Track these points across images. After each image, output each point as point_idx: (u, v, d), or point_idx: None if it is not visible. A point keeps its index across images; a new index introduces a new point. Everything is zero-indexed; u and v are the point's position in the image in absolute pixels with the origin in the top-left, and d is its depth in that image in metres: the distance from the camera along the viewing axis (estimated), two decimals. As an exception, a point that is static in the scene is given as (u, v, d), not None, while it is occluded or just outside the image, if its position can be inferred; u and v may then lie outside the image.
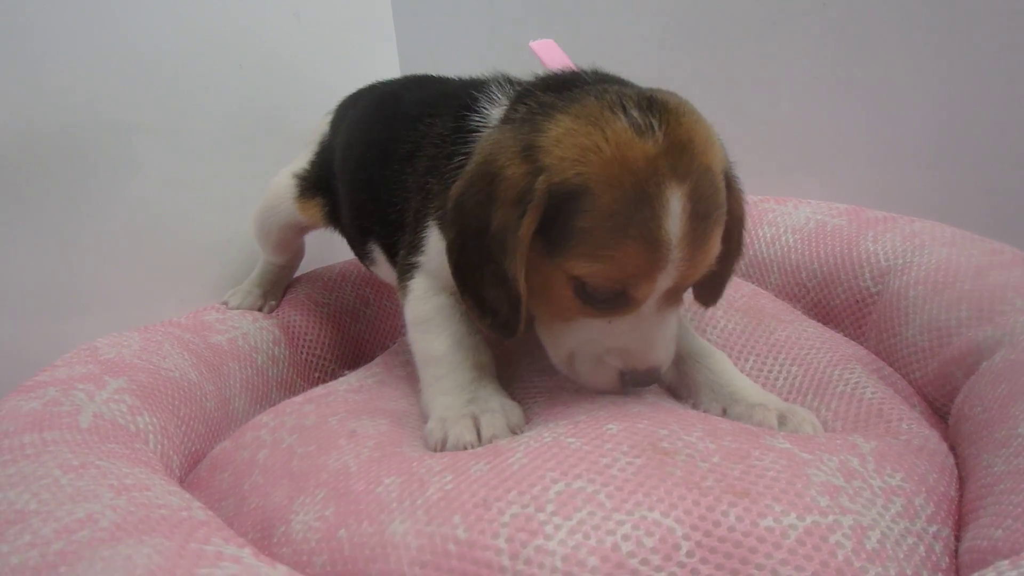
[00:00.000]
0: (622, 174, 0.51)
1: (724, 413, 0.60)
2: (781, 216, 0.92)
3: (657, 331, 0.57)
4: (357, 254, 0.91)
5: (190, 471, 0.67)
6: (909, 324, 0.69)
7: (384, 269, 0.84)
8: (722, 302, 0.72)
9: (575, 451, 0.48)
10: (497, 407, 0.57)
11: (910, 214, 0.83)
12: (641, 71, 1.12)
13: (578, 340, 0.58)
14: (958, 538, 0.46)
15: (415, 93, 0.83)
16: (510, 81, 0.68)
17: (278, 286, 1.04)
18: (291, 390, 0.88)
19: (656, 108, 0.53)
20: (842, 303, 0.80)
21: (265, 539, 0.51)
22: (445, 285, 0.67)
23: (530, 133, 0.54)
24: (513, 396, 0.64)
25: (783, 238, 0.89)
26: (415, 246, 0.69)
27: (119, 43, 0.88)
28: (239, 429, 0.67)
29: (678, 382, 0.65)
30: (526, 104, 0.58)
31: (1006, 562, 0.37)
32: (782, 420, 0.56)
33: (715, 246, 0.55)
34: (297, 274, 1.10)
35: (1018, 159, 0.85)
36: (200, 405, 0.71)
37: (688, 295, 0.65)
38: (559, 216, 0.53)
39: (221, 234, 1.03)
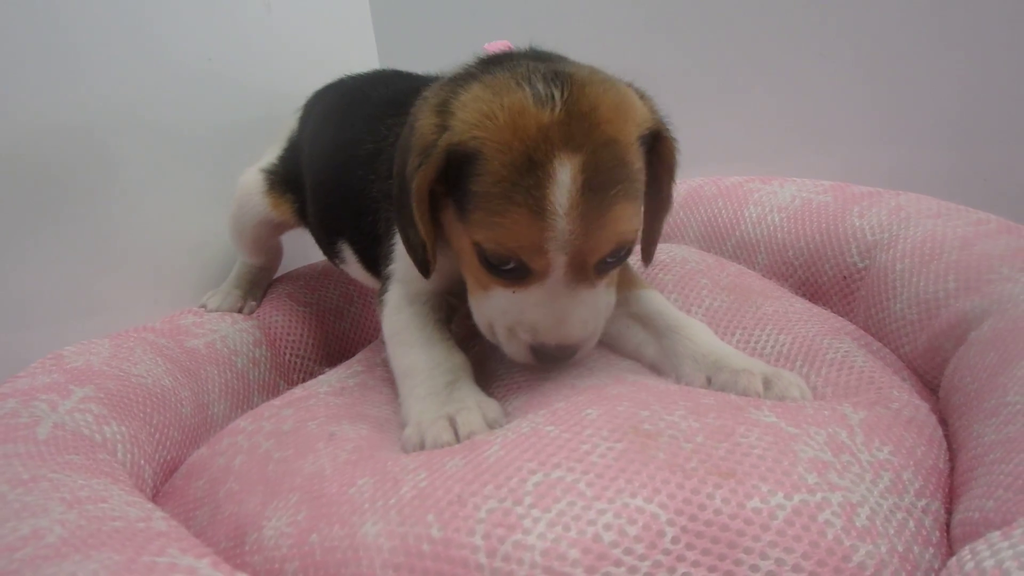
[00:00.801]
0: (512, 140, 0.52)
1: (709, 383, 0.58)
2: (766, 196, 0.90)
3: (569, 307, 0.56)
4: (325, 252, 0.90)
5: (166, 479, 0.65)
6: (897, 297, 0.67)
7: (355, 268, 0.84)
8: (706, 282, 0.71)
9: (553, 439, 0.46)
10: (472, 404, 0.56)
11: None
12: (626, 55, 1.11)
13: (493, 308, 0.59)
14: (949, 511, 0.45)
15: (380, 91, 0.82)
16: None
17: (258, 287, 1.01)
18: (273, 393, 0.86)
19: (561, 80, 0.54)
20: (830, 280, 0.79)
21: (237, 547, 0.49)
22: (419, 291, 0.68)
23: (447, 95, 0.56)
24: (492, 393, 0.63)
25: (769, 217, 0.88)
26: (387, 255, 0.70)
27: (86, 40, 0.85)
28: (216, 435, 0.66)
29: (660, 356, 0.64)
30: (455, 77, 0.61)
31: (998, 533, 0.36)
32: (768, 385, 0.55)
33: (620, 221, 0.54)
34: (278, 273, 1.08)
35: (1012, 136, 0.85)
36: (175, 412, 0.69)
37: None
38: (460, 180, 0.54)
39: (196, 234, 1.00)
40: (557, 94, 0.53)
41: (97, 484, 0.44)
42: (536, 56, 0.63)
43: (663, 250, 0.82)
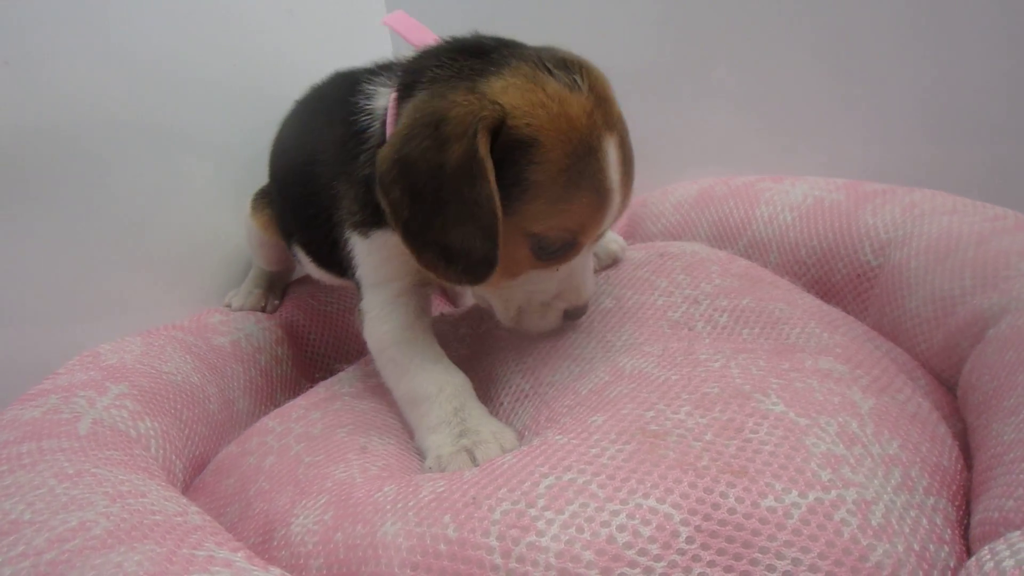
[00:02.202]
0: (569, 129, 0.54)
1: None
2: (778, 195, 0.90)
3: (587, 268, 0.63)
4: (291, 252, 0.90)
5: (195, 475, 0.68)
6: (912, 295, 0.67)
7: (311, 268, 0.85)
8: (716, 268, 0.71)
9: (563, 446, 0.47)
10: (489, 436, 0.57)
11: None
12: (632, 51, 1.11)
13: (527, 292, 0.62)
14: (960, 511, 0.45)
15: (320, 102, 0.82)
16: (382, 69, 0.69)
17: (276, 286, 1.04)
18: (294, 389, 0.88)
19: (573, 67, 0.57)
20: (843, 279, 0.78)
21: (266, 543, 0.51)
22: (397, 291, 0.67)
23: (471, 85, 0.55)
24: (500, 402, 0.64)
25: (780, 216, 0.87)
26: (349, 262, 0.69)
27: (114, 41, 0.87)
28: (244, 433, 0.68)
29: None
30: (437, 71, 0.58)
31: (1017, 533, 0.36)
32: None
33: (633, 187, 0.61)
34: (298, 274, 1.10)
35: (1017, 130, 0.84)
36: (203, 408, 0.71)
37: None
38: (508, 168, 0.54)
39: (220, 235, 1.02)
40: (579, 80, 0.56)
41: (136, 479, 0.46)
42: (499, 42, 0.62)
43: (674, 244, 0.82)
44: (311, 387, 0.76)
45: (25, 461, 0.45)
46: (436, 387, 0.61)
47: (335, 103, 0.71)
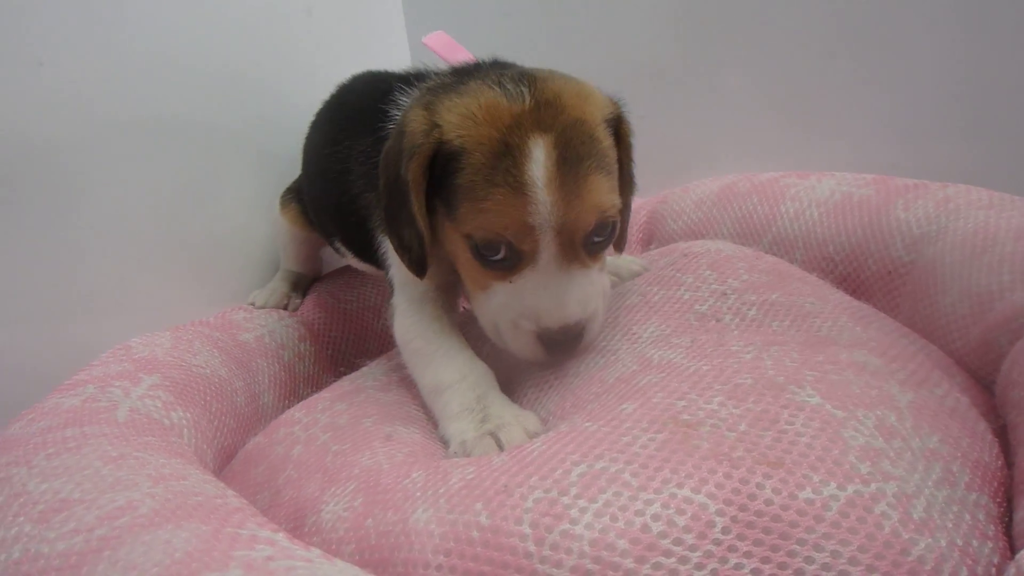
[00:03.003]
0: (490, 132, 0.56)
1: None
2: (804, 191, 0.89)
3: (566, 288, 0.58)
4: (332, 247, 0.96)
5: (223, 466, 0.69)
6: (947, 292, 0.66)
7: (355, 261, 0.91)
8: (743, 265, 0.71)
9: (593, 433, 0.47)
10: (511, 419, 0.57)
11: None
12: (652, 50, 1.11)
13: (495, 306, 0.61)
14: (1000, 508, 0.44)
15: (350, 108, 0.86)
16: (415, 77, 0.73)
17: (300, 286, 1.06)
18: (317, 385, 0.89)
19: (527, 79, 0.59)
20: (873, 275, 0.77)
21: (297, 529, 0.52)
22: (424, 291, 0.70)
23: (432, 101, 0.61)
24: (524, 394, 0.64)
25: (807, 213, 0.87)
26: (383, 261, 0.74)
27: (134, 41, 0.89)
28: (271, 424, 0.68)
29: None
30: (432, 85, 0.66)
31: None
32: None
33: (596, 192, 0.57)
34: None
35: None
36: (230, 401, 0.72)
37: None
38: (446, 178, 0.58)
39: (244, 235, 1.04)
40: (525, 90, 0.58)
41: (176, 463, 0.47)
42: (501, 65, 0.69)
43: (697, 243, 0.82)
44: (335, 382, 0.76)
45: (71, 444, 0.47)
46: (459, 375, 0.62)
47: (365, 111, 0.74)
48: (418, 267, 0.62)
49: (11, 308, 0.78)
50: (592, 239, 0.59)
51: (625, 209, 0.67)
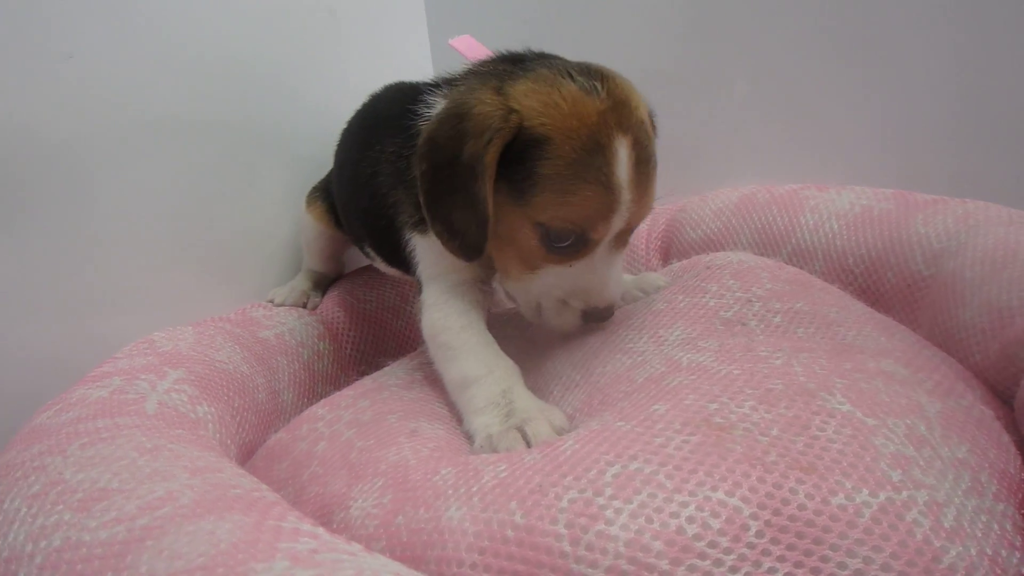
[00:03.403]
0: (578, 125, 0.58)
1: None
2: (823, 203, 0.90)
3: (609, 271, 0.65)
4: (363, 252, 0.97)
5: (244, 462, 0.69)
6: (967, 306, 0.67)
7: (382, 265, 0.91)
8: (766, 275, 0.71)
9: (626, 433, 0.47)
10: (537, 413, 0.58)
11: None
12: (672, 57, 1.12)
13: (544, 286, 0.65)
14: (1024, 518, 0.44)
15: (378, 117, 0.87)
16: (444, 82, 0.74)
17: (320, 286, 1.07)
18: (336, 384, 0.90)
19: (595, 74, 0.61)
20: (892, 287, 0.78)
21: (324, 525, 0.51)
22: (455, 283, 0.71)
23: (499, 85, 0.61)
24: (550, 391, 0.65)
25: (827, 224, 0.87)
26: (411, 260, 0.75)
27: (161, 37, 0.90)
28: (293, 421, 0.68)
29: None
30: (479, 71, 0.66)
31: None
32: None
33: (654, 191, 0.64)
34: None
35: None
36: (252, 397, 0.72)
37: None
38: (523, 163, 0.59)
39: (263, 233, 1.05)
40: (598, 85, 0.60)
41: (210, 456, 0.47)
42: (545, 56, 0.69)
43: (718, 256, 0.82)
44: (355, 380, 0.77)
45: (104, 435, 0.47)
46: (485, 369, 0.63)
47: (395, 116, 0.75)
48: (473, 251, 0.62)
49: (33, 301, 0.79)
50: (631, 229, 0.65)
51: None
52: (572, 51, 0.69)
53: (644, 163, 0.61)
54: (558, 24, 1.24)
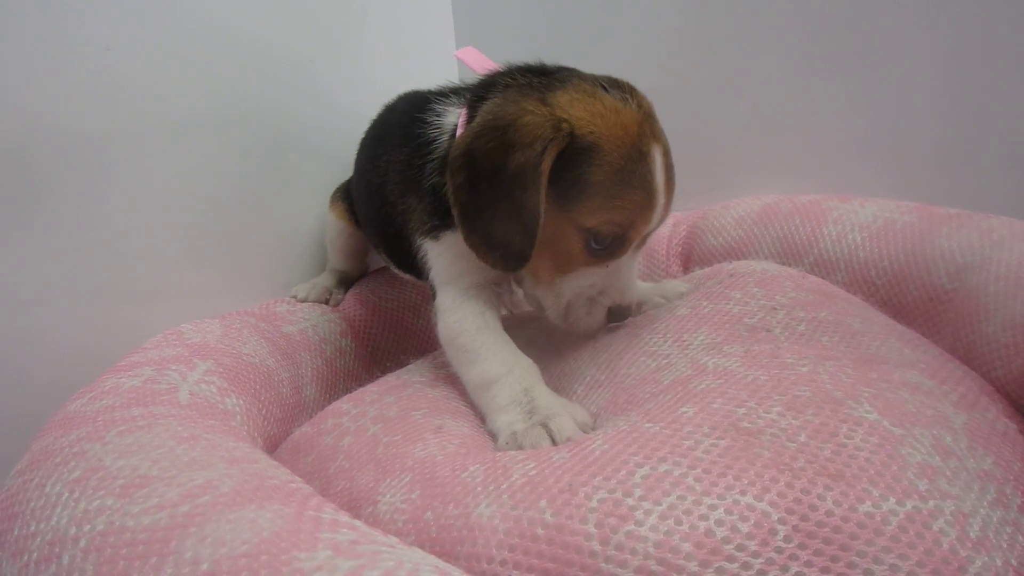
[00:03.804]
0: (625, 136, 0.62)
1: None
2: (846, 214, 0.90)
3: (632, 271, 0.70)
4: (379, 253, 1.00)
5: (269, 455, 0.69)
6: (990, 321, 0.67)
7: (395, 269, 0.95)
8: (790, 284, 0.72)
9: (655, 435, 0.47)
10: (560, 410, 0.58)
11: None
12: (694, 65, 1.13)
13: (577, 287, 0.68)
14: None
15: (388, 126, 0.88)
16: (452, 91, 0.76)
17: (344, 284, 1.09)
18: (358, 380, 0.91)
19: (624, 87, 0.66)
20: (914, 300, 0.78)
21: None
22: (468, 286, 0.72)
23: (545, 97, 0.63)
24: (574, 391, 0.65)
25: (849, 236, 0.88)
26: (424, 267, 0.76)
27: (193, 34, 0.91)
28: (318, 415, 0.69)
29: None
30: (511, 82, 0.67)
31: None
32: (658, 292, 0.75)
33: (674, 196, 0.68)
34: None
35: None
36: (277, 391, 0.73)
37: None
38: (568, 171, 0.61)
39: (291, 231, 1.06)
40: (628, 97, 0.64)
41: (244, 447, 0.48)
42: (561, 68, 0.70)
43: (741, 264, 0.83)
44: (377, 377, 0.78)
45: (141, 424, 0.48)
46: (505, 368, 0.64)
47: (402, 125, 0.78)
48: (518, 260, 0.63)
49: (60, 292, 0.80)
50: None
51: None
52: (597, 52, 0.71)
53: (671, 170, 0.67)
54: (584, 24, 1.25)
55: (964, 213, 0.81)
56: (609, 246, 0.65)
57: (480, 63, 0.77)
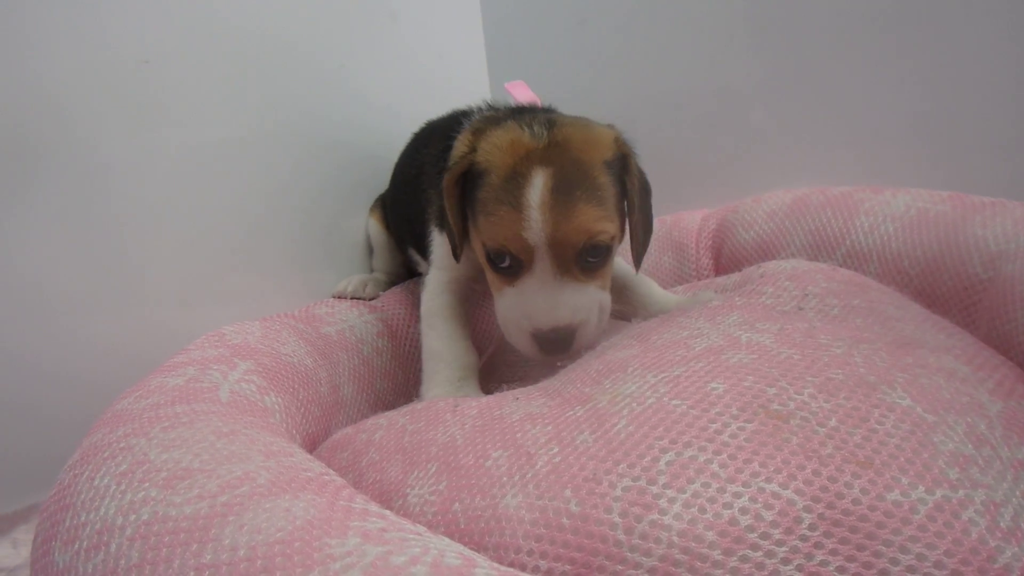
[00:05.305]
0: (507, 160, 0.69)
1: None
2: (878, 205, 0.89)
3: (558, 296, 0.69)
4: (407, 256, 1.11)
5: (310, 452, 0.72)
6: (1027, 309, 0.65)
7: (422, 265, 1.02)
8: (821, 276, 0.71)
9: (681, 415, 0.47)
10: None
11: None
12: (724, 67, 1.12)
13: (504, 308, 0.73)
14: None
15: (425, 134, 1.03)
16: (489, 107, 0.90)
17: (381, 284, 1.13)
18: (394, 380, 0.93)
19: (550, 123, 0.72)
20: (949, 290, 0.77)
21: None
22: (452, 278, 0.85)
23: (480, 129, 0.75)
24: (603, 352, 0.66)
25: (882, 227, 0.86)
26: (427, 248, 0.89)
27: (225, 50, 0.94)
28: (361, 422, 0.71)
29: (626, 311, 0.87)
30: (493, 119, 0.79)
31: None
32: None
33: (583, 218, 0.68)
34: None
35: None
36: (315, 390, 0.76)
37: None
38: (473, 191, 0.72)
39: (332, 236, 1.10)
40: (545, 132, 0.70)
41: (281, 442, 0.50)
42: (547, 110, 0.84)
43: (771, 264, 0.82)
44: (411, 376, 0.81)
45: (183, 420, 0.50)
46: (453, 355, 0.79)
47: (444, 127, 0.90)
48: (454, 252, 0.78)
49: (109, 297, 0.84)
50: (586, 258, 0.70)
51: (636, 233, 0.75)
52: (628, 53, 0.73)
53: (565, 192, 0.67)
54: (611, 22, 1.25)
55: (998, 201, 0.79)
56: (509, 264, 0.70)
57: (523, 96, 0.91)
